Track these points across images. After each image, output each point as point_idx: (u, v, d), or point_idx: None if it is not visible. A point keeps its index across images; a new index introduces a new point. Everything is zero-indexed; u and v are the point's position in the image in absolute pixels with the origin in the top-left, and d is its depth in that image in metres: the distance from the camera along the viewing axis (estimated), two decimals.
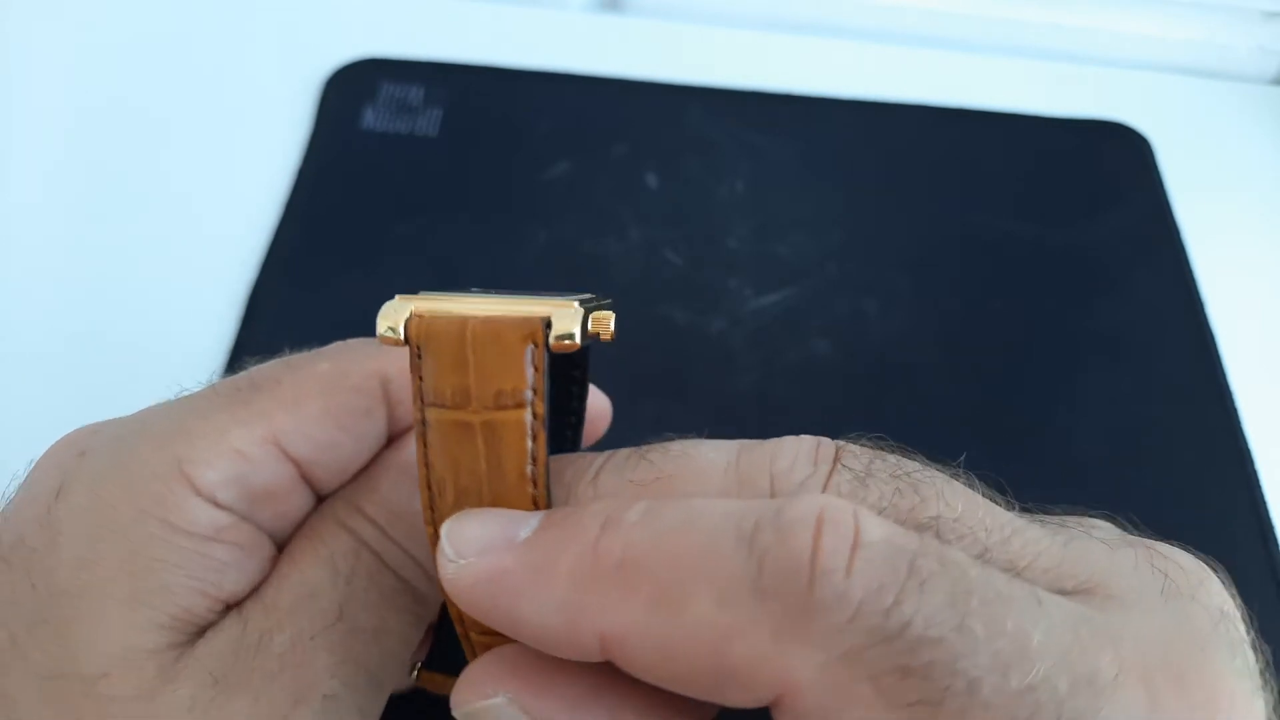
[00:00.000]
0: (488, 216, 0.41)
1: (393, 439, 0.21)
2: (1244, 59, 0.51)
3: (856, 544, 0.13)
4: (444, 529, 0.15)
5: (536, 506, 0.16)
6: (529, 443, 0.15)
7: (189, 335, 0.37)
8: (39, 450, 0.19)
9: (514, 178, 0.43)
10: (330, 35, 0.47)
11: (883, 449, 0.16)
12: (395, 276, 0.39)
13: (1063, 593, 0.14)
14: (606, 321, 0.16)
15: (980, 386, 0.38)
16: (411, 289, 0.18)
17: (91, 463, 0.17)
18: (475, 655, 0.17)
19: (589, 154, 0.43)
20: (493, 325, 0.15)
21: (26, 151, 0.42)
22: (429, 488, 0.16)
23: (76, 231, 0.40)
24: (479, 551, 0.15)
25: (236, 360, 0.36)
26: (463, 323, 0.16)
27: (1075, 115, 0.47)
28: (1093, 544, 0.15)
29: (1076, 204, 0.44)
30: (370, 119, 0.44)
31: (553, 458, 0.16)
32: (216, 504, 0.17)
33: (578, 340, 0.15)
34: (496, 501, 0.16)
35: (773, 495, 0.14)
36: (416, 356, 0.16)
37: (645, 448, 0.16)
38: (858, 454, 0.15)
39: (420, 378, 0.16)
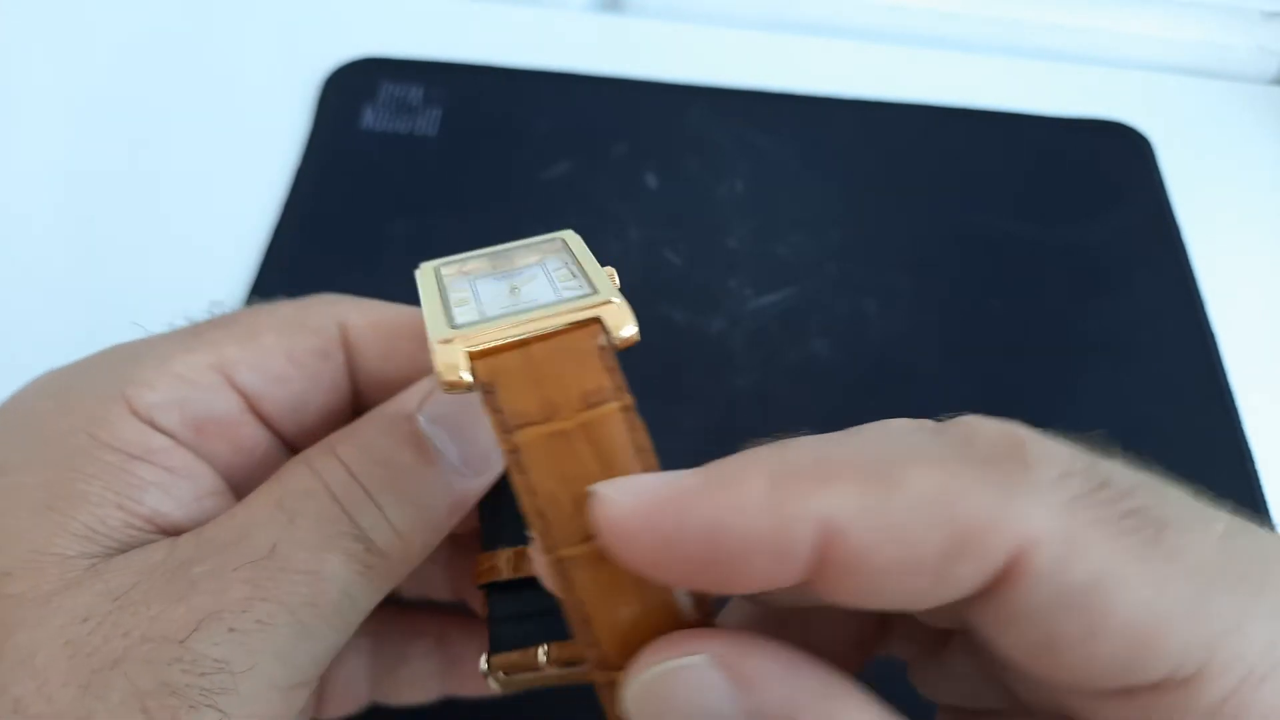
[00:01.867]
0: (487, 216, 0.41)
1: (361, 393, 0.20)
2: (1244, 59, 0.51)
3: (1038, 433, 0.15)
4: (594, 489, 0.14)
5: None
6: (629, 432, 0.15)
7: None
8: None
9: (514, 178, 0.43)
10: (330, 35, 0.47)
11: None
12: (395, 276, 0.39)
13: None
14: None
15: (980, 386, 0.38)
16: (410, 288, 0.18)
17: (37, 384, 0.18)
18: (601, 643, 0.15)
19: (589, 154, 0.43)
20: (557, 341, 0.16)
21: (24, 151, 0.42)
22: (539, 515, 0.15)
23: (75, 231, 0.40)
24: (641, 491, 0.14)
25: None
26: (525, 346, 0.16)
27: (1075, 115, 0.47)
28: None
29: (1076, 204, 0.44)
30: (370, 118, 0.44)
31: None
32: (155, 426, 0.18)
33: (636, 334, 0.16)
34: None
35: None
36: (488, 393, 0.15)
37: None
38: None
39: (498, 410, 0.15)
